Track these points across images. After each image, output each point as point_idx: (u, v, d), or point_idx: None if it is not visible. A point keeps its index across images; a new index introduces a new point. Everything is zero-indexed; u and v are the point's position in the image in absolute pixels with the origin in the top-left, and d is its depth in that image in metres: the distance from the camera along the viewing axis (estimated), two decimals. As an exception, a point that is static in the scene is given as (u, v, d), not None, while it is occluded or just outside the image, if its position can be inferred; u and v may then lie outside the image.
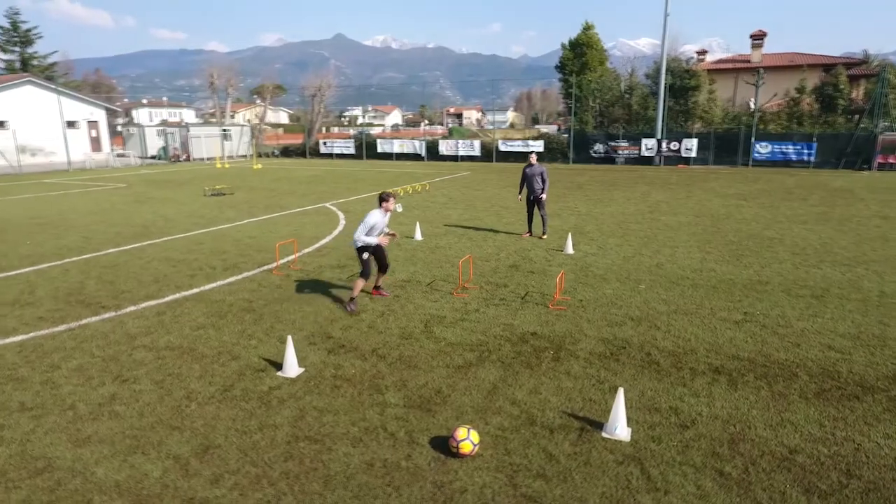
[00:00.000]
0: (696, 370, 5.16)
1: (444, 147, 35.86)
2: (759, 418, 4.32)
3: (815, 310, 6.78)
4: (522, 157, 33.64)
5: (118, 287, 7.88)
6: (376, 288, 7.43)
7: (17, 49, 42.38)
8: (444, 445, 3.93)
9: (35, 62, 43.08)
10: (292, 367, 5.16)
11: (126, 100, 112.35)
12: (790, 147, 28.62)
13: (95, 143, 37.10)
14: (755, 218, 13.34)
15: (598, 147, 32.36)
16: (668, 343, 5.80)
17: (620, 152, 31.78)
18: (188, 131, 36.69)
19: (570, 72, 33.88)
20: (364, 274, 6.92)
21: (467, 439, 3.80)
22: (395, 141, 37.67)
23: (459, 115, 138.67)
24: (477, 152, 35.13)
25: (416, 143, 36.70)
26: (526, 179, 11.04)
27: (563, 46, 34.97)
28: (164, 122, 73.84)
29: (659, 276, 8.33)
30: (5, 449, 3.98)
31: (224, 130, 39.27)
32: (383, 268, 7.30)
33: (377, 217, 6.88)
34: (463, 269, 8.52)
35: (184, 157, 36.34)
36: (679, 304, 7.05)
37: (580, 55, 34.27)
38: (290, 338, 5.28)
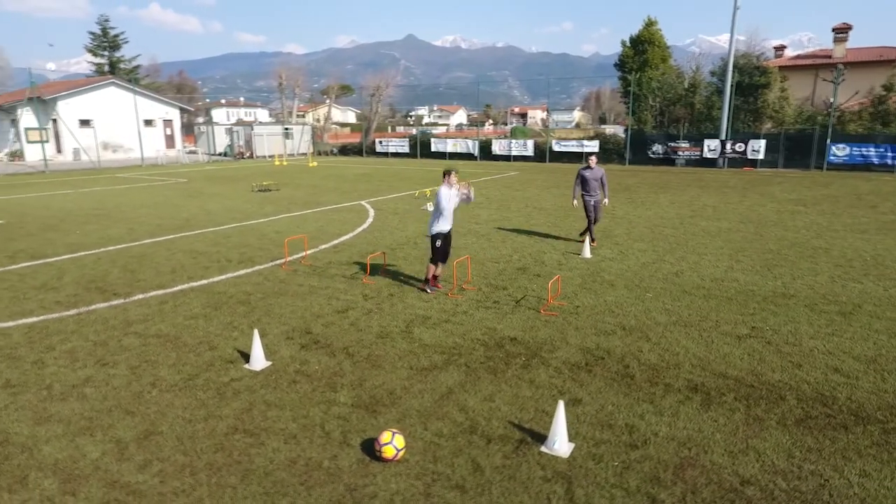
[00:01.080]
0: (671, 387, 4.81)
1: (497, 147, 35.56)
2: (721, 443, 3.96)
3: (835, 328, 6.16)
4: (577, 157, 32.82)
5: (137, 276, 8.34)
6: (434, 278, 7.63)
7: (106, 53, 46.01)
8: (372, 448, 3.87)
9: (121, 65, 46.58)
10: (258, 361, 5.25)
11: (208, 100, 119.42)
12: (871, 150, 26.23)
13: (170, 141, 39.60)
14: (808, 226, 12.32)
15: (657, 148, 31.00)
16: (653, 356, 5.45)
17: (680, 153, 30.30)
18: (252, 130, 38.44)
19: (629, 69, 32.67)
20: (434, 260, 7.37)
21: (390, 444, 3.72)
22: (448, 140, 37.76)
23: (524, 115, 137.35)
24: (530, 152, 34.58)
25: (470, 142, 36.61)
26: (584, 183, 10.27)
27: (623, 44, 33.77)
28: (240, 121, 77.79)
29: (673, 284, 7.85)
30: (-24, 422, 4.30)
31: (286, 129, 40.81)
32: (445, 258, 7.52)
33: (444, 192, 7.22)
34: (466, 269, 8.39)
35: (247, 154, 38.09)
36: (682, 314, 6.61)
37: (641, 52, 32.96)
38: (255, 332, 5.38)
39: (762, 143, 28.11)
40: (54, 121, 33.75)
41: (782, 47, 42.87)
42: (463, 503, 3.38)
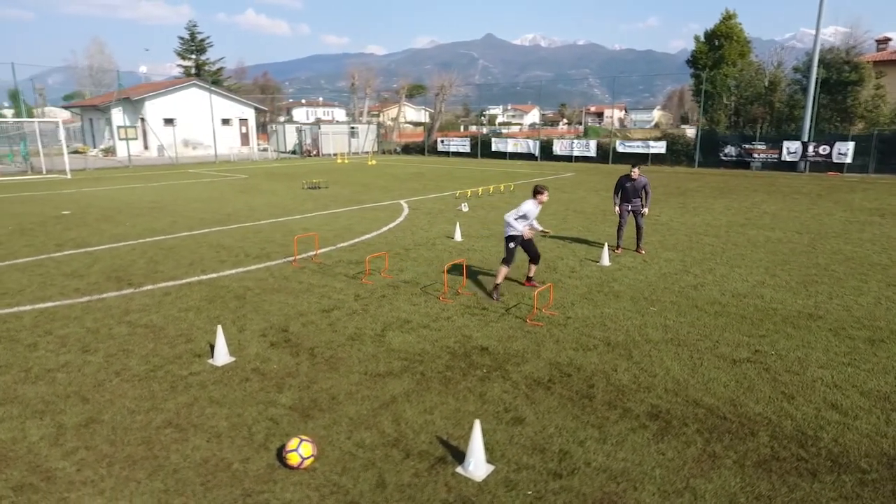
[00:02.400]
0: (629, 412, 4.41)
1: (559, 147, 34.69)
2: (658, 480, 3.57)
3: (855, 356, 5.43)
4: (642, 159, 31.40)
5: (157, 267, 8.80)
6: (528, 279, 7.79)
7: (193, 56, 49.31)
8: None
9: (206, 67, 49.75)
10: (221, 356, 5.35)
11: (291, 100, 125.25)
12: (983, 154, 23.21)
13: (244, 139, 41.80)
14: (874, 239, 11.03)
15: (730, 150, 29.03)
16: (626, 376, 5.03)
17: (756, 156, 28.20)
18: (319, 129, 39.81)
19: (702, 66, 30.79)
20: (506, 261, 7.32)
21: (296, 451, 3.64)
22: (509, 140, 37.30)
23: (600, 114, 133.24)
24: (592, 153, 33.46)
25: (531, 142, 35.96)
26: (624, 192, 9.81)
27: (697, 39, 31.84)
28: (318, 120, 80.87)
29: (686, 298, 7.25)
30: (-47, 398, 4.66)
31: (352, 128, 41.93)
32: (534, 258, 7.62)
33: (529, 206, 7.32)
34: (459, 273, 8.18)
35: (314, 152, 39.49)
36: (681, 332, 6.07)
37: (717, 48, 30.94)
38: (219, 328, 5.48)
39: (850, 145, 25.61)
40: (142, 119, 36.58)
41: (886, 40, 38.79)
42: (351, 520, 3.25)
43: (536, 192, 7.34)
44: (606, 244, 9.49)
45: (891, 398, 4.62)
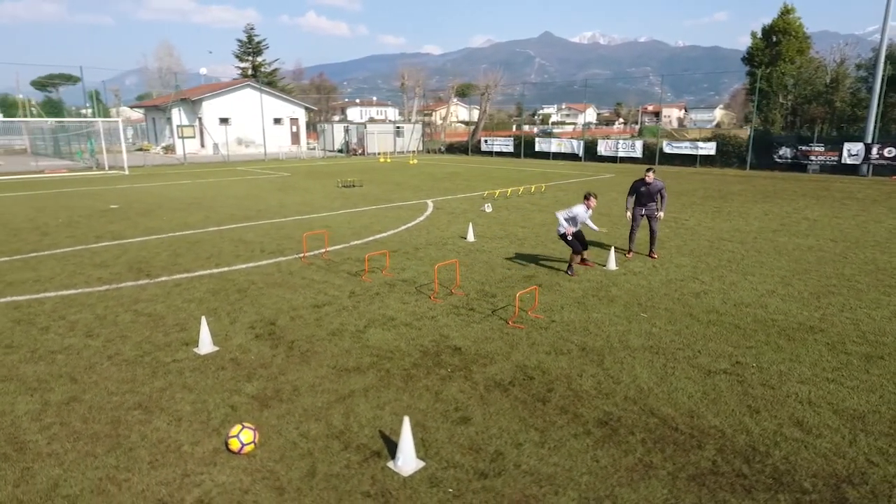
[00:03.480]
0: (579, 418, 4.38)
1: (603, 147, 33.95)
2: (582, 486, 3.55)
3: (843, 373, 5.15)
4: (689, 160, 30.34)
5: (177, 260, 9.33)
6: (583, 260, 8.85)
7: (249, 58, 51.38)
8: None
9: (262, 69, 51.71)
10: (205, 345, 5.67)
11: (346, 99, 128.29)
12: None
13: (295, 138, 43.20)
14: (917, 248, 10.28)
15: (785, 151, 27.55)
16: (589, 382, 4.98)
17: (813, 158, 26.64)
18: (365, 128, 40.61)
19: (759, 63, 29.36)
20: (575, 250, 8.52)
21: (236, 437, 3.86)
22: (552, 140, 36.81)
23: (657, 114, 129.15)
24: (638, 154, 32.54)
25: (574, 142, 35.37)
26: (638, 197, 9.59)
27: (753, 35, 30.36)
28: (371, 120, 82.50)
29: (684, 306, 7.05)
30: (-35, 373, 5.16)
31: (397, 128, 42.53)
32: (584, 246, 8.69)
33: (579, 210, 8.44)
34: (452, 273, 8.24)
35: (360, 151, 40.33)
36: (663, 340, 5.93)
37: (774, 44, 29.43)
38: (203, 319, 5.80)
39: (919, 147, 23.78)
40: (199, 119, 38.46)
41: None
42: (277, 502, 3.42)
43: (586, 197, 8.58)
44: (613, 248, 9.30)
45: (866, 418, 4.38)
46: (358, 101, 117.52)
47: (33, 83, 77.41)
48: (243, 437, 3.86)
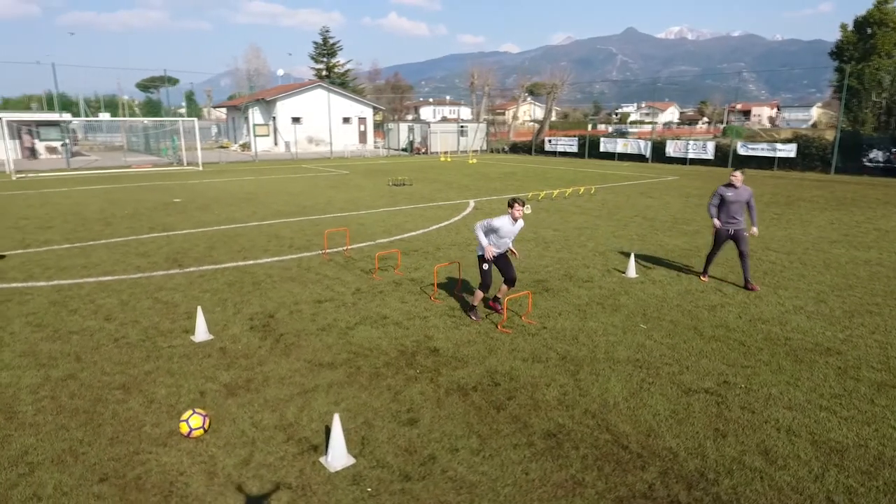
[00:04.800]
0: (528, 428, 4.28)
1: (672, 148, 32.40)
2: (502, 498, 3.49)
3: (844, 400, 4.69)
4: (766, 162, 28.40)
5: (210, 252, 9.93)
6: (494, 299, 6.84)
7: (324, 59, 53.42)
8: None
9: (336, 69, 53.61)
10: (201, 334, 6.02)
11: (421, 98, 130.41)
12: None
13: (362, 137, 44.46)
14: None
15: (876, 154, 25.11)
16: (554, 392, 4.84)
17: (909, 162, 24.10)
18: (429, 127, 41.11)
19: (848, 58, 26.91)
20: (483, 286, 6.42)
21: (185, 421, 4.10)
22: (618, 140, 35.56)
23: (747, 113, 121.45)
24: (709, 155, 30.80)
25: (641, 143, 34.00)
26: (723, 206, 7.94)
27: (843, 28, 27.82)
28: (444, 119, 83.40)
29: (693, 319, 6.67)
30: (-6, 347, 5.80)
31: (461, 127, 42.72)
32: (508, 280, 6.55)
33: (503, 222, 6.22)
34: (448, 273, 8.20)
35: (423, 150, 40.89)
36: (653, 355, 5.65)
37: (868, 37, 26.85)
38: (199, 308, 6.16)
39: None
40: (273, 118, 40.48)
41: None
42: (204, 487, 3.60)
43: (510, 205, 6.23)
44: (633, 254, 8.90)
45: (847, 452, 3.97)
46: (431, 100, 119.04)
47: (137, 85, 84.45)
48: (192, 422, 4.10)
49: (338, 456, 3.82)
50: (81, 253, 9.88)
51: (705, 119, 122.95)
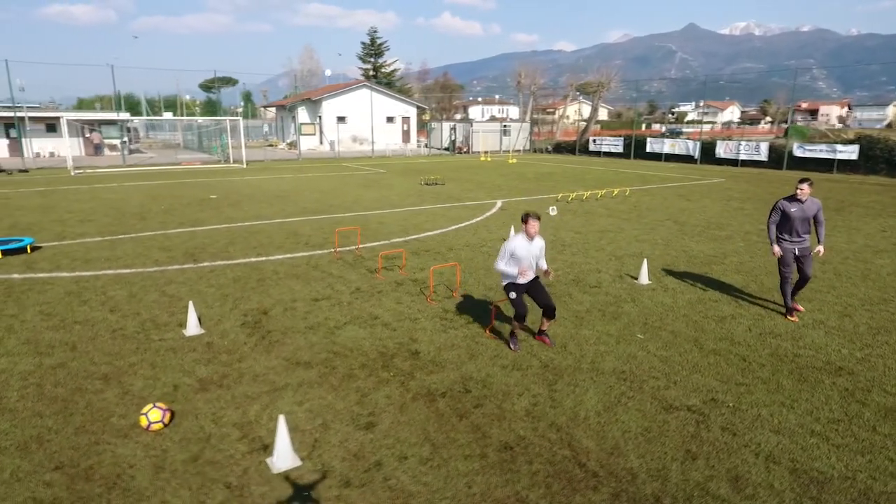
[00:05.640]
0: (485, 438, 4.12)
1: (722, 149, 30.98)
2: (435, 511, 3.36)
3: (842, 426, 4.29)
4: (825, 165, 26.74)
5: (228, 248, 10.19)
6: (539, 333, 5.96)
7: (371, 59, 54.17)
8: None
9: (382, 69, 54.26)
10: (192, 328, 6.15)
11: (471, 97, 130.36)
12: None
13: (405, 136, 44.80)
14: None
15: (949, 157, 23.13)
16: (524, 403, 4.65)
17: None
18: (471, 126, 40.96)
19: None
20: (517, 316, 5.61)
21: (145, 415, 4.18)
22: (665, 140, 34.30)
23: (814, 112, 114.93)
24: (763, 157, 29.25)
25: (690, 143, 32.67)
26: (784, 223, 6.70)
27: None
28: (492, 118, 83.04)
29: (695, 330, 6.29)
30: None
31: (504, 126, 42.35)
32: (546, 310, 5.70)
33: (518, 243, 5.52)
34: (444, 276, 8.04)
35: (465, 149, 40.78)
36: (640, 367, 5.35)
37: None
38: (190, 303, 6.29)
39: None
40: (319, 117, 41.37)
41: None
42: (147, 481, 3.65)
43: (523, 220, 5.57)
44: (646, 260, 8.49)
45: (829, 485, 3.62)
46: (480, 99, 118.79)
47: (200, 85, 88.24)
48: (151, 415, 4.17)
49: (282, 457, 3.80)
50: (110, 246, 10.35)
51: (768, 119, 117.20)
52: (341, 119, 41.57)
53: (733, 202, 16.54)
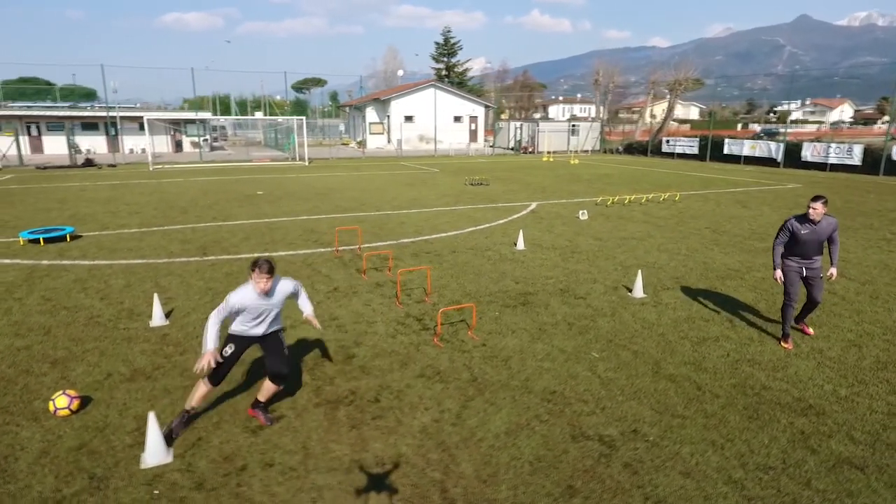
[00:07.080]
0: (366, 452, 3.97)
1: (810, 151, 28.24)
2: (264, 525, 3.27)
3: (773, 478, 3.73)
4: (929, 171, 23.57)
5: (240, 243, 10.60)
6: (255, 405, 4.45)
7: (444, 59, 54.51)
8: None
9: (455, 69, 54.47)
10: (157, 319, 6.44)
11: (553, 97, 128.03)
12: None
13: (473, 135, 44.71)
14: None
15: None
16: (426, 419, 4.44)
17: None
18: (537, 126, 40.11)
19: None
20: (212, 378, 4.24)
21: (52, 401, 4.40)
22: (745, 142, 31.74)
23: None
24: (856, 160, 26.32)
25: (773, 145, 30.03)
26: (796, 245, 5.87)
27: None
28: (573, 118, 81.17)
29: (664, 352, 5.74)
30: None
31: (572, 126, 41.12)
32: (272, 377, 4.35)
33: (243, 294, 4.17)
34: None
35: (530, 149, 40.04)
36: (575, 390, 4.94)
37: None
38: (155, 295, 6.57)
39: None
40: (388, 117, 42.24)
41: None
42: (26, 466, 3.84)
43: (251, 269, 4.13)
44: (640, 272, 7.85)
45: (712, 543, 3.14)
46: (560, 98, 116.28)
47: (293, 86, 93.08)
48: (58, 402, 4.39)
49: (151, 454, 3.86)
50: (141, 237, 11.10)
51: (885, 118, 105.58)
52: (409, 118, 42.22)
53: (797, 210, 15.00)
